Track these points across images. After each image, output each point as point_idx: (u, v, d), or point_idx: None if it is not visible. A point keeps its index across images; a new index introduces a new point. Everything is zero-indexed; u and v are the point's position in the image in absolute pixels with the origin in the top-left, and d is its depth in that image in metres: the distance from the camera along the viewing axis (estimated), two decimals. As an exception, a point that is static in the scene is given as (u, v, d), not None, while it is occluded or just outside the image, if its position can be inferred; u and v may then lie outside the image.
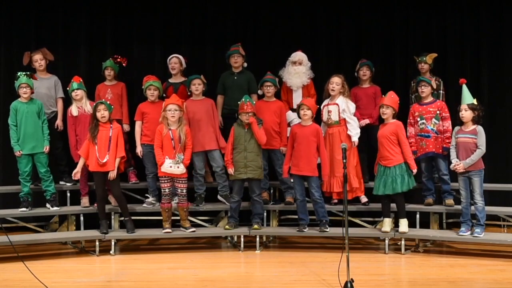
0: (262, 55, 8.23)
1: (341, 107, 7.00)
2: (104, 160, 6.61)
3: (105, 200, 6.85)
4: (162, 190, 6.73)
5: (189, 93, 7.27)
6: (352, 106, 7.06)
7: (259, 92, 7.35)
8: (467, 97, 6.41)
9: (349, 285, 5.05)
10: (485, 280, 5.66)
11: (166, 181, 6.70)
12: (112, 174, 6.64)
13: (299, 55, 7.42)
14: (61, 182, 7.46)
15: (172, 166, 6.62)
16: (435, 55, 7.46)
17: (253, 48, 8.02)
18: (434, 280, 5.61)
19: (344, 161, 5.52)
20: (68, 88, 7.14)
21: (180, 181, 6.71)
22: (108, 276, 5.89)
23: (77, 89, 7.07)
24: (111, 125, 6.72)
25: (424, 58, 7.40)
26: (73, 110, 7.08)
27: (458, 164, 6.36)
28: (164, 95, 7.38)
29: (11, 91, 7.80)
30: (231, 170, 6.78)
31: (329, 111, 7.05)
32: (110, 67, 7.52)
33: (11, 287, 5.48)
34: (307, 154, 6.64)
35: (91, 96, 7.47)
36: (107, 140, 6.65)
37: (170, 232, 6.77)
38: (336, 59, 8.37)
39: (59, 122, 7.37)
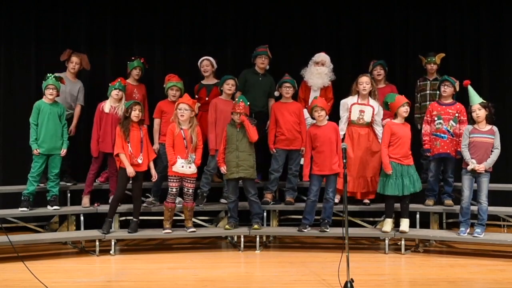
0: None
1: (375, 110, 7.03)
2: (140, 161, 6.64)
3: (121, 200, 6.86)
4: (169, 189, 6.72)
5: (220, 92, 7.27)
6: (382, 111, 7.10)
7: (276, 94, 7.36)
8: (476, 97, 6.42)
9: (349, 285, 5.05)
10: (485, 280, 5.66)
11: (175, 180, 6.69)
12: (154, 175, 6.76)
13: (322, 56, 7.47)
14: (61, 182, 7.45)
15: (184, 166, 6.62)
16: (443, 55, 7.49)
17: (253, 48, 8.00)
18: (434, 280, 5.61)
19: (344, 161, 5.53)
20: (110, 84, 7.09)
21: (190, 181, 6.71)
22: (108, 276, 5.88)
23: (121, 89, 7.05)
24: (140, 126, 6.75)
25: (434, 59, 7.42)
26: (106, 106, 7.06)
27: (478, 166, 6.32)
28: (196, 96, 7.39)
29: (11, 91, 7.83)
30: (223, 169, 6.79)
31: (361, 111, 7.04)
32: (139, 67, 7.51)
33: (11, 287, 5.48)
34: (330, 153, 6.61)
35: (91, 97, 7.47)
36: (139, 141, 6.67)
37: (170, 233, 6.77)
38: (336, 59, 8.35)
39: (72, 128, 7.37)
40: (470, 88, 6.47)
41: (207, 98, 7.40)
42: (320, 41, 8.39)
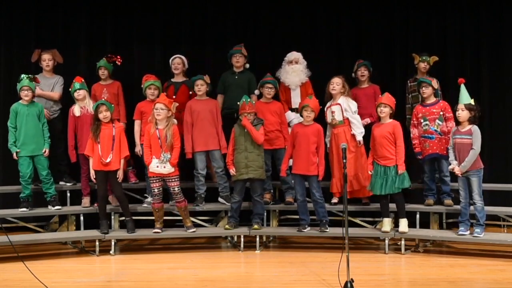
0: (262, 55, 8.23)
1: (343, 106, 7.00)
2: (108, 160, 6.62)
3: (106, 200, 6.85)
4: (152, 190, 6.72)
5: (191, 93, 7.28)
6: (353, 105, 7.06)
7: (256, 92, 7.35)
8: (465, 97, 6.39)
9: (349, 285, 5.05)
10: (485, 280, 5.66)
11: (155, 181, 6.68)
12: (120, 174, 6.70)
13: (294, 54, 7.46)
14: (61, 182, 7.46)
15: (158, 166, 6.61)
16: (436, 58, 7.48)
17: (253, 48, 8.01)
18: (434, 280, 5.61)
19: (344, 161, 5.52)
20: (70, 89, 7.13)
21: (171, 180, 6.69)
22: (108, 276, 5.89)
23: (79, 89, 7.06)
24: (113, 125, 6.73)
25: (428, 59, 7.42)
26: (76, 110, 7.08)
27: (454, 168, 6.36)
28: (164, 93, 7.39)
29: (11, 91, 7.81)
30: (232, 171, 6.78)
31: (332, 112, 7.05)
32: (103, 67, 7.50)
33: (11, 287, 5.48)
34: (307, 153, 6.64)
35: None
36: (110, 139, 6.65)
37: (159, 232, 6.76)
38: (336, 59, 8.37)
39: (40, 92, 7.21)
40: (462, 87, 6.45)
41: (174, 97, 7.38)
42: (320, 41, 8.39)
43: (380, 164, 6.59)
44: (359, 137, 7.02)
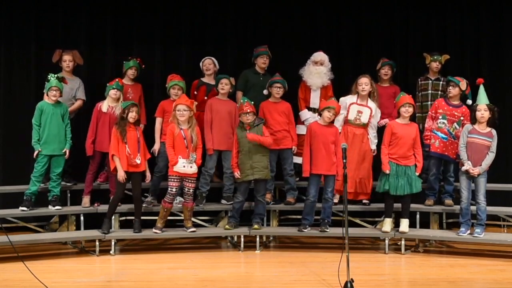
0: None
1: (373, 112, 7.03)
2: (139, 161, 6.65)
3: (120, 201, 6.86)
4: (169, 189, 6.69)
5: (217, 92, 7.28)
6: (379, 114, 7.11)
7: (265, 92, 7.35)
8: (485, 98, 6.42)
9: (349, 285, 5.05)
10: (485, 280, 5.66)
11: (176, 180, 6.67)
12: (148, 175, 6.76)
13: (321, 56, 7.45)
14: (62, 182, 7.44)
15: (185, 165, 6.61)
16: (447, 56, 7.50)
17: (253, 48, 8.00)
18: (434, 280, 5.61)
19: (344, 161, 5.52)
20: (108, 84, 7.11)
21: (190, 181, 6.71)
22: (108, 276, 5.88)
23: (119, 89, 7.06)
24: (136, 126, 6.76)
25: (440, 58, 7.42)
26: (104, 105, 7.07)
27: (473, 169, 6.33)
28: (195, 93, 7.39)
29: (11, 91, 7.83)
30: (237, 174, 6.78)
31: (359, 111, 7.04)
32: (135, 67, 7.50)
33: (11, 287, 5.48)
34: (328, 153, 6.63)
35: (92, 97, 7.47)
36: (136, 141, 6.68)
37: (159, 233, 6.76)
38: (336, 59, 8.35)
39: (70, 110, 7.23)
40: (481, 88, 6.46)
41: (206, 97, 7.40)
42: (320, 41, 8.38)
43: (401, 164, 6.55)
44: (374, 146, 7.07)
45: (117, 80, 7.11)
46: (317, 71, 7.37)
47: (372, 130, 7.11)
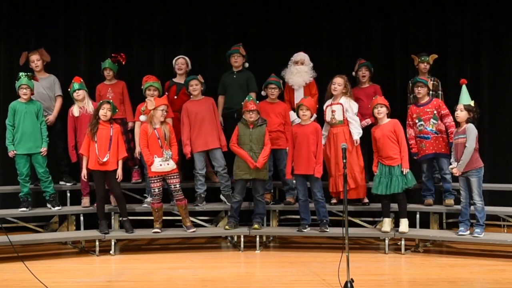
0: (262, 55, 8.23)
1: (344, 107, 7.01)
2: (105, 159, 6.62)
3: (104, 200, 6.84)
4: (152, 190, 6.71)
5: (189, 94, 7.29)
6: (354, 106, 7.06)
7: (263, 93, 7.35)
8: (465, 98, 6.39)
9: (349, 285, 5.05)
10: (485, 280, 5.66)
11: (156, 180, 6.68)
12: (120, 174, 6.71)
13: (300, 55, 7.45)
14: (61, 182, 7.46)
15: (162, 164, 6.61)
16: (436, 56, 7.48)
17: (253, 48, 8.02)
18: (434, 280, 5.61)
19: (344, 161, 5.52)
20: (69, 89, 7.14)
21: (172, 177, 6.70)
22: (108, 276, 5.89)
23: (79, 89, 7.06)
24: (111, 125, 6.73)
25: (427, 58, 7.41)
26: (75, 110, 7.08)
27: (453, 168, 6.36)
28: (166, 93, 7.38)
29: (11, 91, 7.81)
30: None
31: (332, 111, 7.04)
32: (108, 68, 7.51)
33: (11, 287, 5.48)
34: (308, 153, 6.65)
35: (92, 96, 7.47)
36: (107, 139, 6.65)
37: (158, 232, 6.76)
38: (336, 59, 8.38)
39: (51, 117, 7.28)
40: (464, 88, 6.46)
41: (175, 97, 7.40)
42: (320, 41, 8.38)
43: (385, 164, 6.59)
44: (356, 137, 7.00)
45: (73, 81, 7.09)
46: (297, 71, 7.36)
47: (351, 124, 6.99)
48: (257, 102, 6.85)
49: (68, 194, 7.45)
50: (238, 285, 5.59)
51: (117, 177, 6.71)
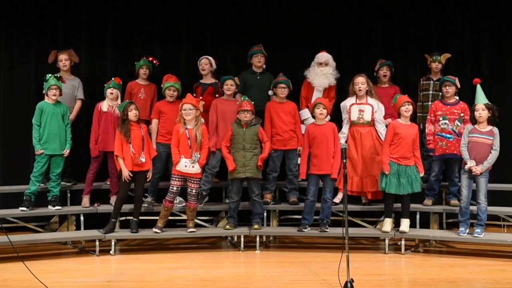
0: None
1: (374, 108, 7.02)
2: (143, 159, 6.65)
3: (124, 201, 6.81)
4: (170, 188, 6.70)
5: (217, 96, 7.31)
6: (383, 108, 7.10)
7: (270, 92, 7.34)
8: (482, 97, 6.41)
9: (349, 285, 5.05)
10: (485, 280, 5.66)
11: (177, 179, 6.68)
12: (150, 174, 6.76)
13: (325, 56, 7.43)
14: (62, 182, 7.44)
15: (187, 165, 6.61)
16: (448, 55, 7.50)
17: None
18: (434, 280, 5.61)
19: (344, 161, 5.53)
20: (105, 84, 7.13)
21: (193, 181, 6.70)
22: (108, 276, 5.89)
23: (115, 88, 7.07)
24: (140, 125, 6.76)
25: (439, 58, 7.42)
26: (104, 105, 7.07)
27: (476, 168, 6.32)
28: (194, 95, 7.39)
29: (11, 91, 7.83)
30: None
31: (360, 110, 7.04)
32: (146, 66, 7.50)
33: (11, 287, 5.48)
34: (327, 153, 6.64)
35: (92, 97, 7.48)
36: (140, 140, 6.68)
37: (159, 232, 6.76)
38: (336, 59, 8.35)
39: (72, 117, 7.29)
40: (478, 87, 6.47)
41: (201, 97, 7.40)
42: (320, 41, 8.38)
43: (401, 164, 6.54)
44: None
45: (112, 79, 7.12)
46: (323, 72, 7.36)
47: (379, 125, 7.06)
48: (252, 102, 6.80)
49: (68, 194, 7.45)
50: (238, 285, 5.59)
51: (148, 177, 6.77)
